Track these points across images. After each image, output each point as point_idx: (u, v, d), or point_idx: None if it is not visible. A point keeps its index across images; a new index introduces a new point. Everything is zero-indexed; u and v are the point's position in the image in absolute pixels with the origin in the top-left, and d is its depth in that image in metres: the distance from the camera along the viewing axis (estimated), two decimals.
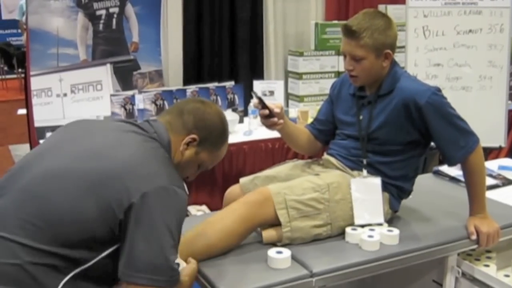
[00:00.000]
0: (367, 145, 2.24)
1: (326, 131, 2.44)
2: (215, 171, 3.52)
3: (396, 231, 2.15)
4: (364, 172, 2.24)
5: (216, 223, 2.03)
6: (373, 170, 2.25)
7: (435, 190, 2.74)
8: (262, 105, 2.15)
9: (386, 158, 2.23)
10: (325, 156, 2.38)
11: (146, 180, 1.54)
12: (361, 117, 2.25)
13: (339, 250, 2.10)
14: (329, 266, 1.99)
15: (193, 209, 3.31)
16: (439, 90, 2.17)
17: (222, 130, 1.83)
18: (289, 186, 2.14)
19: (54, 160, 1.60)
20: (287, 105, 4.36)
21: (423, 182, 2.73)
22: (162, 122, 1.76)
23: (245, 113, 3.92)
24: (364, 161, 2.25)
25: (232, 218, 2.03)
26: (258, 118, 3.87)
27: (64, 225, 1.50)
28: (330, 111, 2.41)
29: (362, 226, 2.17)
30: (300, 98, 4.29)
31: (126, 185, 1.52)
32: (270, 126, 2.21)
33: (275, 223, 2.09)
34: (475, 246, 2.25)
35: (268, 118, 2.19)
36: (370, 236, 2.10)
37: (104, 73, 3.87)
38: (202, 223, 2.05)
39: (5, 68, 9.57)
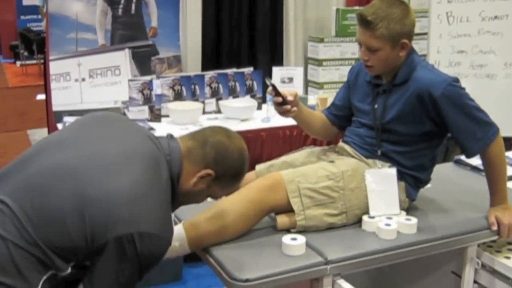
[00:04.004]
0: (381, 135, 2.19)
1: (342, 116, 2.39)
2: None
3: (414, 220, 2.10)
4: (379, 163, 2.19)
5: (225, 208, 2.01)
6: (388, 159, 2.19)
7: (456, 179, 2.67)
8: (276, 92, 2.13)
9: (401, 148, 2.18)
10: (340, 143, 2.34)
11: (135, 219, 1.49)
12: (376, 106, 2.20)
13: (355, 238, 2.06)
14: (344, 254, 1.96)
15: None
16: (456, 80, 2.09)
17: (240, 170, 1.78)
18: (303, 174, 2.10)
19: (62, 155, 1.57)
20: (306, 92, 4.31)
21: (444, 171, 2.68)
22: (181, 147, 1.71)
23: (263, 99, 3.87)
24: (379, 152, 2.20)
25: (242, 202, 2.00)
26: None
27: (50, 225, 1.48)
28: (347, 97, 2.36)
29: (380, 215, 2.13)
30: (319, 85, 4.23)
31: (116, 216, 1.47)
32: (284, 113, 2.18)
33: (288, 209, 2.05)
34: (495, 238, 2.20)
35: (282, 105, 2.15)
36: (387, 225, 2.06)
37: (122, 58, 3.85)
38: (211, 208, 2.02)
39: (25, 53, 9.60)
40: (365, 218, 2.11)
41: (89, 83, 3.74)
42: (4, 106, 5.57)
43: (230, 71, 3.88)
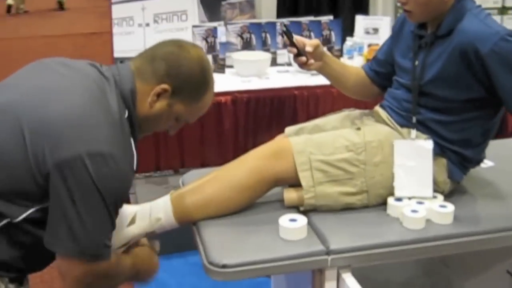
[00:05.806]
0: (419, 99, 1.78)
1: (384, 74, 1.98)
2: (297, 116, 3.16)
3: (450, 207, 1.69)
4: (413, 133, 1.78)
5: (219, 176, 1.75)
6: (426, 129, 1.78)
7: None
8: (290, 42, 1.80)
9: (442, 116, 1.76)
10: (376, 107, 1.95)
11: (81, 140, 1.31)
12: (417, 63, 1.79)
13: (374, 224, 1.71)
14: (352, 243, 1.62)
15: None
16: (511, 34, 1.64)
17: (202, 78, 1.52)
18: (318, 143, 1.76)
19: (3, 96, 1.43)
20: None
21: None
22: (131, 66, 1.50)
23: (341, 53, 3.48)
24: (414, 119, 1.78)
25: (241, 169, 1.74)
26: (355, 59, 3.44)
27: None
28: (391, 50, 1.95)
29: (409, 197, 1.74)
30: None
31: (59, 140, 1.31)
32: (300, 66, 1.85)
33: (295, 182, 1.74)
34: None
35: (298, 56, 1.82)
36: (414, 211, 1.67)
37: (190, 2, 3.59)
38: (207, 176, 1.76)
39: None
40: (390, 200, 1.74)
41: (153, 28, 3.54)
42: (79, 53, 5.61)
43: (305, 19, 3.50)
